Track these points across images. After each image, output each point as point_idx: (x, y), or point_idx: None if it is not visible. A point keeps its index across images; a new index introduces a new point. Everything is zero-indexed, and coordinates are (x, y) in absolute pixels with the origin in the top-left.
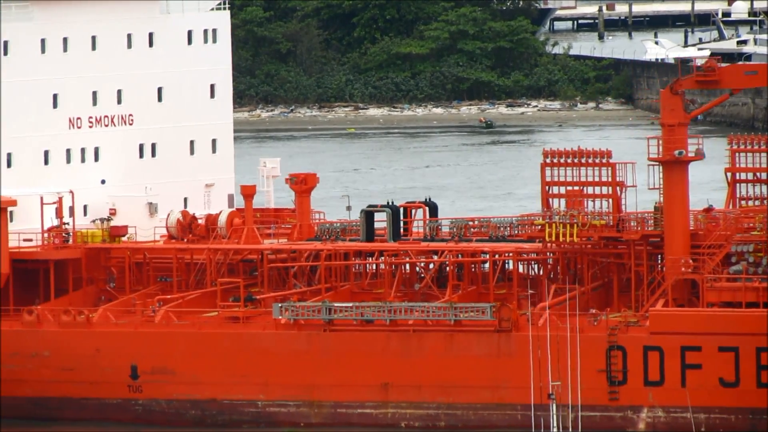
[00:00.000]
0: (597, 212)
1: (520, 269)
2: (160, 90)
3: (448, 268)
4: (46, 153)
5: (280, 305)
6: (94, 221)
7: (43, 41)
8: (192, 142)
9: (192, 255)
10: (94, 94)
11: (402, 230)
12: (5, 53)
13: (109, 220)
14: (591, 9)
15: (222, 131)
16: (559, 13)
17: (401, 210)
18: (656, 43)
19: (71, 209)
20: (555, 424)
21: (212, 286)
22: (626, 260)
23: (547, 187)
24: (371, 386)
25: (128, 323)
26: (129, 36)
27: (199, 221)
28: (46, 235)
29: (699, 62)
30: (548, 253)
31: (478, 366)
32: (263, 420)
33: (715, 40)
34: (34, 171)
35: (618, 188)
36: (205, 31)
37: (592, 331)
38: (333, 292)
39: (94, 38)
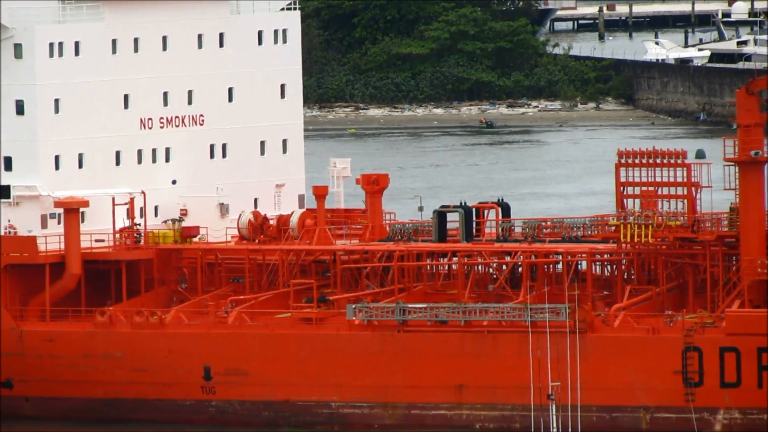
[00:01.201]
0: (672, 213)
1: (594, 270)
2: (230, 90)
3: (521, 269)
4: (118, 154)
5: (353, 306)
6: (165, 222)
7: (114, 42)
8: (262, 143)
9: (264, 256)
10: (165, 94)
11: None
12: (77, 54)
13: (180, 220)
14: (591, 9)
15: (292, 131)
16: (559, 13)
17: (474, 210)
18: (656, 43)
19: (142, 210)
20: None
21: (285, 287)
22: (701, 261)
23: (621, 188)
24: (445, 387)
25: (201, 324)
26: (200, 36)
27: (271, 222)
28: (117, 235)
29: None
30: (623, 254)
31: (553, 367)
32: (337, 421)
33: (715, 41)
34: (105, 172)
35: (693, 189)
36: (275, 32)
37: (668, 333)
38: (406, 293)
39: (164, 39)
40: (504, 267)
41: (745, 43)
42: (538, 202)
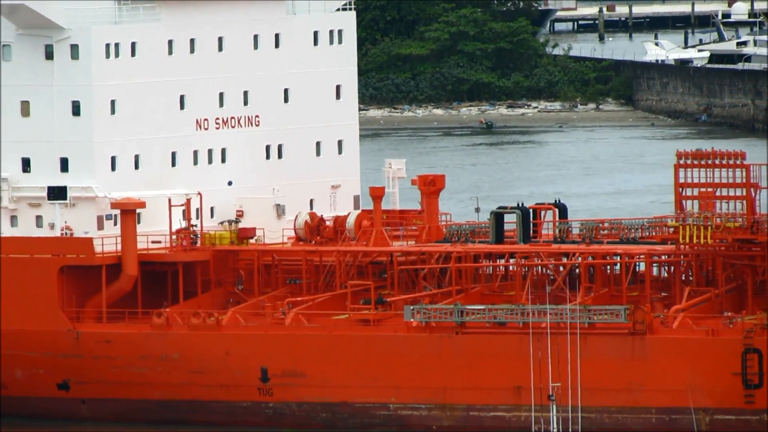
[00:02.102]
0: (731, 214)
1: (653, 271)
2: (286, 91)
3: (577, 270)
4: (174, 155)
5: (411, 308)
6: (221, 223)
7: (170, 42)
8: (318, 144)
9: (321, 257)
10: (221, 95)
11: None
12: (133, 54)
13: (236, 222)
14: (591, 10)
15: (348, 132)
16: (559, 14)
17: (531, 212)
18: (656, 44)
19: (198, 211)
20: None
21: (342, 289)
22: (760, 262)
23: (680, 189)
24: (504, 389)
25: (258, 326)
26: (255, 37)
27: (327, 223)
28: (174, 237)
29: None
30: (681, 256)
31: (612, 369)
32: (395, 423)
33: (715, 42)
34: (161, 173)
35: (752, 190)
36: (331, 32)
37: (727, 334)
38: (463, 294)
39: (220, 39)
40: (562, 268)
41: (744, 43)
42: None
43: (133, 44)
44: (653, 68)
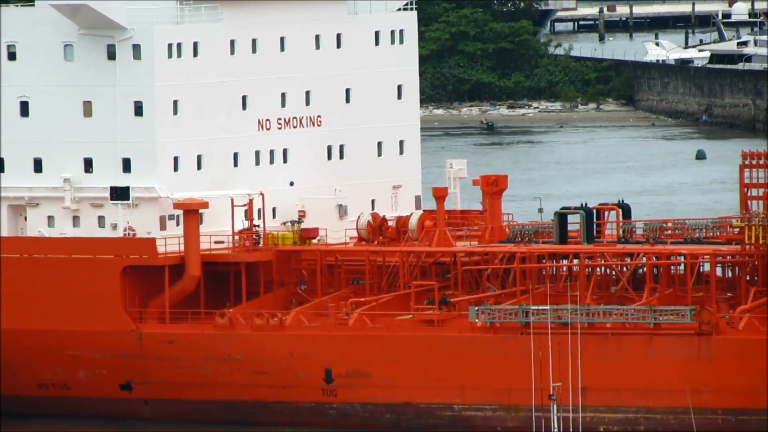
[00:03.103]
0: None
1: (718, 272)
2: (347, 91)
3: (641, 270)
4: (236, 155)
5: (476, 308)
6: (284, 223)
7: (232, 42)
8: (379, 144)
9: (384, 257)
10: (283, 95)
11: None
12: (195, 54)
13: (299, 222)
14: (592, 10)
15: (409, 132)
16: (560, 14)
17: (594, 212)
18: (657, 44)
19: (260, 211)
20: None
21: (405, 289)
22: None
23: (746, 189)
24: (569, 390)
25: (322, 326)
26: (317, 37)
27: (389, 223)
28: (236, 237)
29: None
30: (746, 256)
31: (678, 369)
32: (459, 424)
33: (715, 42)
34: (223, 173)
35: None
36: (392, 32)
37: None
38: (528, 294)
39: (282, 39)
40: (626, 269)
41: (745, 43)
42: (535, 203)
43: (195, 44)
44: (654, 68)
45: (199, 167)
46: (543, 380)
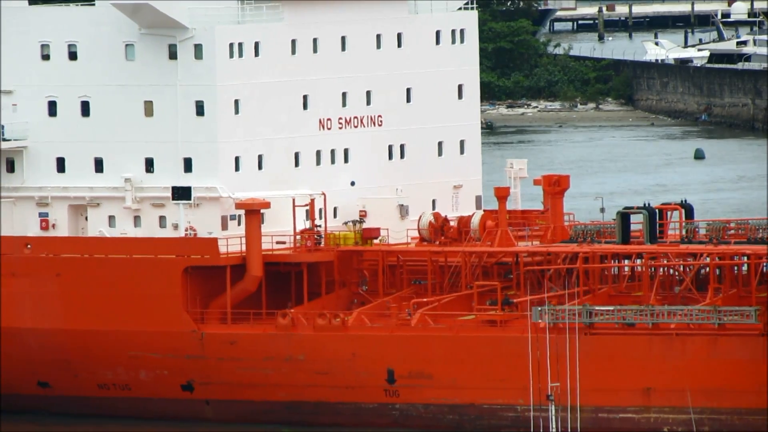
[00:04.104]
0: None
1: None
2: (408, 91)
3: (704, 271)
4: (297, 155)
5: (539, 308)
6: (346, 223)
7: (293, 42)
8: (440, 143)
9: (446, 258)
10: (344, 95)
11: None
12: (256, 54)
13: (361, 222)
14: (591, 10)
15: (470, 132)
16: (559, 14)
17: (657, 212)
18: (656, 43)
19: (321, 211)
20: None
21: (467, 289)
22: None
23: None
24: (633, 390)
25: (384, 327)
26: (378, 36)
27: (451, 223)
28: (298, 237)
29: None
30: None
31: (743, 370)
32: (522, 425)
33: (714, 41)
34: (284, 173)
35: None
36: (453, 31)
37: None
38: (590, 295)
39: (343, 39)
40: (689, 269)
41: (744, 43)
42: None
43: (257, 44)
44: (653, 68)
45: (260, 167)
46: (606, 381)
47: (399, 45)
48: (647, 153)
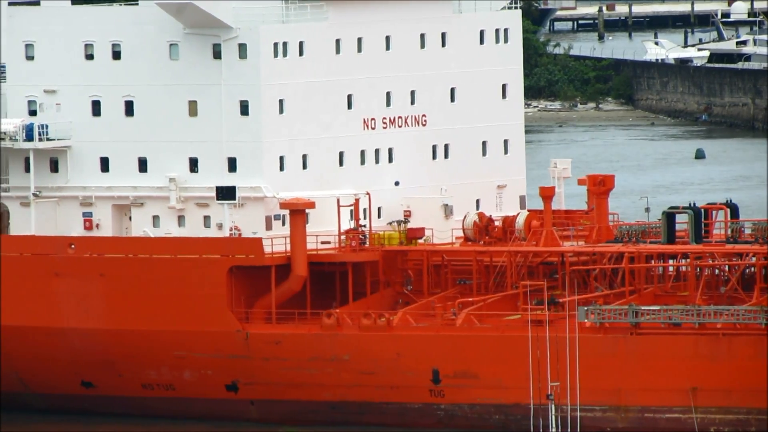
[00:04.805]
0: None
1: None
2: (452, 90)
3: (749, 270)
4: (341, 154)
5: (585, 308)
6: (390, 223)
7: (337, 41)
8: (484, 143)
9: (491, 257)
10: (388, 94)
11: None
12: (301, 54)
13: (405, 222)
14: (591, 9)
15: (514, 132)
16: (559, 13)
17: (702, 212)
18: (656, 43)
19: (366, 211)
20: None
21: (512, 289)
22: None
23: None
24: (679, 390)
25: (429, 326)
26: (422, 36)
27: (495, 223)
28: (342, 237)
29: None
30: None
31: None
32: (569, 424)
33: (714, 41)
34: (328, 173)
35: None
36: (497, 31)
37: None
38: (636, 294)
39: (387, 38)
40: (735, 269)
41: (744, 43)
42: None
43: (301, 43)
44: (653, 67)
45: (304, 167)
46: (652, 381)
47: (443, 44)
48: (647, 153)
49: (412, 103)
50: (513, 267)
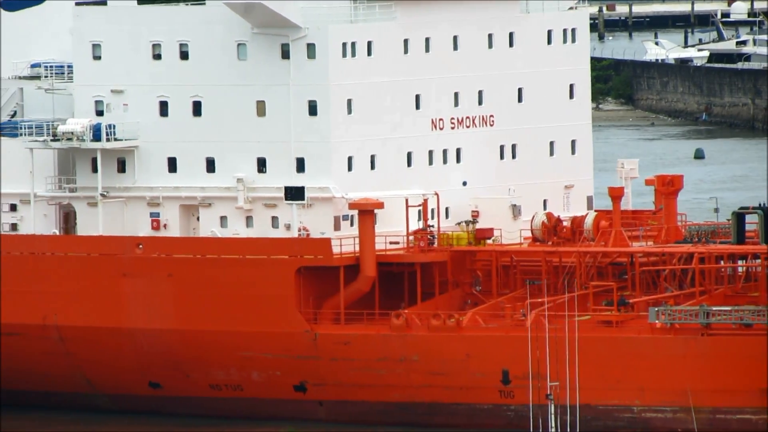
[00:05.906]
0: None
1: None
2: (520, 90)
3: None
4: (409, 155)
5: (656, 309)
6: (458, 224)
7: (405, 42)
8: (551, 143)
9: (561, 258)
10: (456, 95)
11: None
12: (369, 53)
13: (474, 222)
14: (591, 10)
15: (581, 132)
16: None
17: None
18: (656, 43)
19: (434, 211)
20: None
21: (582, 290)
22: None
23: None
24: (750, 392)
25: (499, 327)
26: (490, 36)
27: (564, 223)
28: (411, 237)
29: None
30: None
31: None
32: (638, 426)
33: (714, 41)
34: (396, 173)
35: None
36: (564, 31)
37: None
38: (707, 295)
39: (455, 38)
40: None
41: (744, 43)
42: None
43: (369, 43)
44: (653, 67)
45: (372, 167)
46: (723, 382)
47: (511, 45)
48: (646, 153)
49: (480, 103)
50: (582, 267)
